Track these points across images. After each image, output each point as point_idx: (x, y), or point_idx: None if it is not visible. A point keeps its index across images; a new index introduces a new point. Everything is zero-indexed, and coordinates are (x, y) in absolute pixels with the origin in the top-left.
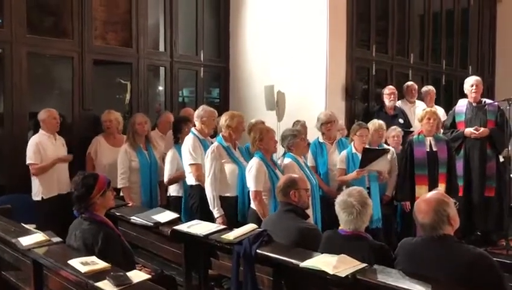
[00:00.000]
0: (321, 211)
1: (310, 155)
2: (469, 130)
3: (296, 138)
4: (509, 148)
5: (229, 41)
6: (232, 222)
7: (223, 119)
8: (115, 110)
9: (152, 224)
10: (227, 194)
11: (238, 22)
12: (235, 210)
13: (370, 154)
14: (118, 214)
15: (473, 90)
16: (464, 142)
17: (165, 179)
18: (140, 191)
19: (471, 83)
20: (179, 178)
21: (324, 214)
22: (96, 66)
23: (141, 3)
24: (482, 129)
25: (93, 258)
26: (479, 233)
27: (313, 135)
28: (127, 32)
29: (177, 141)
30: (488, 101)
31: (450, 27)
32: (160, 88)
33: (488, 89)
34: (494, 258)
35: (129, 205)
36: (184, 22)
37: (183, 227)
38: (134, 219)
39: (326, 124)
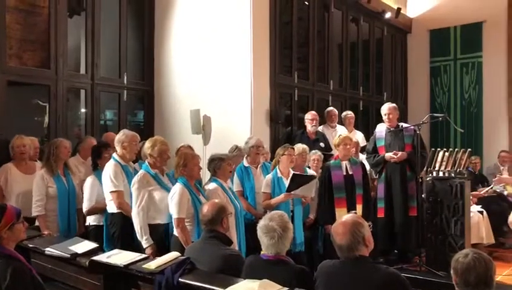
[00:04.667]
0: (246, 236)
1: (236, 179)
2: (389, 155)
3: (222, 161)
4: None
5: (154, 65)
6: (162, 250)
7: (146, 146)
8: (32, 135)
9: (69, 255)
10: (157, 222)
11: (163, 45)
12: (165, 238)
13: (298, 180)
14: (30, 245)
15: (387, 119)
16: (385, 166)
17: (84, 208)
18: (58, 219)
19: (384, 112)
20: (100, 209)
21: (249, 239)
22: (11, 87)
23: (60, 23)
24: (400, 153)
25: None
26: (396, 251)
27: None
28: (45, 53)
29: (96, 167)
30: (404, 125)
31: (366, 56)
32: (83, 110)
33: (401, 114)
34: (409, 275)
35: (45, 233)
36: (106, 44)
37: (102, 257)
38: (50, 250)
39: (257, 148)
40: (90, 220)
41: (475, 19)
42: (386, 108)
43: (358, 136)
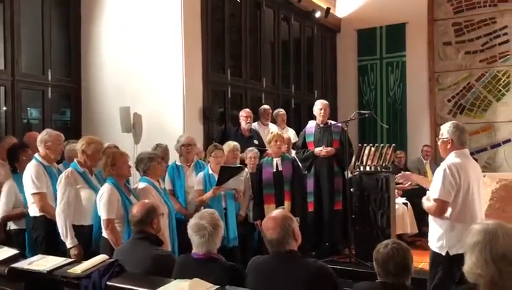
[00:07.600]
0: (179, 235)
1: (167, 178)
2: (318, 150)
3: (152, 161)
4: (349, 166)
5: (80, 61)
6: (88, 252)
7: (80, 144)
8: None
9: None
10: (82, 223)
11: (91, 41)
12: (89, 241)
13: (227, 172)
14: None
15: (321, 114)
16: (314, 161)
17: (0, 215)
18: None
19: (319, 106)
20: (18, 216)
21: (182, 238)
22: None
23: None
24: (329, 148)
25: None
26: (327, 244)
27: (174, 157)
28: None
29: (15, 170)
30: (332, 122)
31: (297, 54)
32: (3, 108)
33: (332, 111)
34: (340, 267)
35: None
36: (28, 38)
37: (23, 264)
38: None
39: (187, 146)
40: (11, 224)
41: (399, 20)
42: (323, 103)
43: (290, 133)
